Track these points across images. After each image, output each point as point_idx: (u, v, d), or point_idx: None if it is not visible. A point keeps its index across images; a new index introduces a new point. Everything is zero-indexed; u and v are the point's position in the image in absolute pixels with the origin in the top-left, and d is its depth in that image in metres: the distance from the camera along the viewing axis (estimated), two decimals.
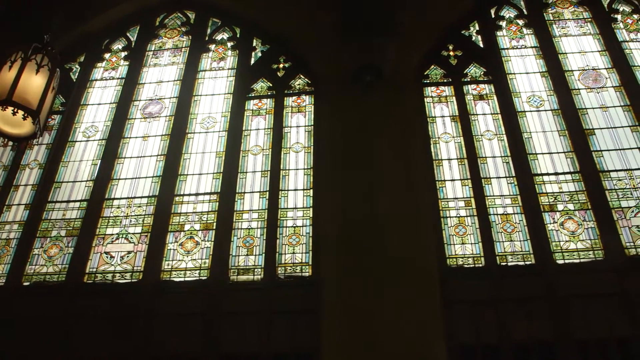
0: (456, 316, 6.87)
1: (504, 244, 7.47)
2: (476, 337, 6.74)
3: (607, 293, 6.93)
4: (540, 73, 9.09)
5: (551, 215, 7.64)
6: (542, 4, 9.95)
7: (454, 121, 8.64)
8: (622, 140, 8.24)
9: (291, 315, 7.00)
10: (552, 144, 8.30)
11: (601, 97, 8.73)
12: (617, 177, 7.89)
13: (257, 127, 8.78)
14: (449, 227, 7.64)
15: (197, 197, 8.13)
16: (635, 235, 7.39)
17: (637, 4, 9.79)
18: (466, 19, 9.76)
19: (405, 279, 6.94)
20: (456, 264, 7.34)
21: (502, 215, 7.71)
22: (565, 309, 6.83)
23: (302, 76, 9.30)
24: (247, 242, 7.66)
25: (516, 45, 9.48)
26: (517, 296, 6.98)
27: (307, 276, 7.33)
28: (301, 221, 7.80)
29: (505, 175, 8.05)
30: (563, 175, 7.98)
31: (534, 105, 8.71)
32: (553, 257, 7.28)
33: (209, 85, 9.38)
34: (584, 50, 9.32)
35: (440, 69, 9.25)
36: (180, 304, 7.23)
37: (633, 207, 7.63)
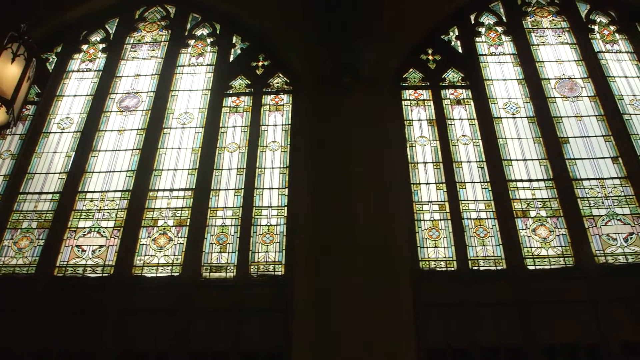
0: (427, 319, 6.90)
1: (477, 248, 7.53)
2: (446, 341, 6.78)
3: (576, 300, 7.02)
4: (517, 80, 9.18)
5: (523, 221, 7.72)
6: (521, 12, 10.04)
7: (430, 125, 8.68)
8: (595, 149, 8.35)
9: (263, 314, 6.98)
10: (527, 151, 8.38)
11: (576, 106, 8.83)
12: (590, 185, 7.99)
13: (234, 125, 8.74)
14: (422, 230, 7.68)
15: (171, 192, 8.07)
16: (605, 244, 7.49)
17: (614, 16, 9.93)
18: (446, 24, 9.82)
19: (377, 281, 6.96)
20: (429, 267, 7.38)
21: (476, 219, 7.77)
22: (534, 315, 6.91)
23: (281, 75, 9.28)
24: (221, 240, 7.63)
25: (494, 52, 9.56)
26: (488, 301, 7.04)
27: (279, 275, 7.32)
28: (275, 220, 7.79)
29: (480, 181, 8.11)
30: (536, 182, 8.06)
31: (510, 112, 8.78)
32: (524, 262, 7.35)
33: (187, 80, 9.33)
34: (560, 59, 9.43)
35: (419, 73, 9.29)
36: (151, 300, 7.18)
37: (604, 215, 7.73)
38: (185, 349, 6.79)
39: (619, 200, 7.86)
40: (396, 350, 6.52)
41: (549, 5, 10.16)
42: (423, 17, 9.65)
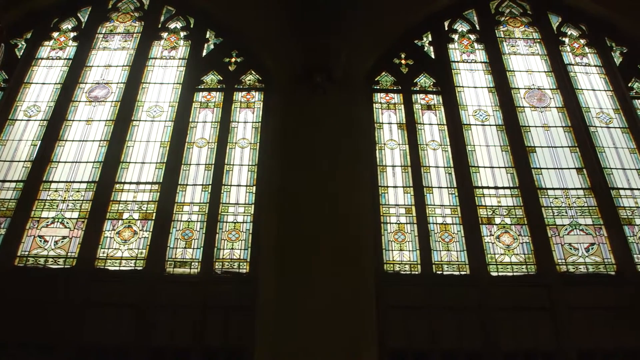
0: (390, 321, 6.95)
1: (441, 253, 7.59)
2: (407, 343, 6.84)
3: (537, 307, 7.14)
4: (487, 88, 9.27)
5: (488, 228, 7.81)
6: (494, 21, 10.14)
7: (400, 129, 8.73)
8: (561, 159, 8.48)
9: (226, 311, 6.96)
10: (494, 159, 8.47)
11: (544, 117, 8.95)
12: (554, 195, 8.11)
13: (205, 120, 8.69)
14: (388, 232, 7.72)
15: (138, 185, 7.99)
16: (567, 253, 7.61)
17: (584, 29, 10.09)
18: (420, 29, 9.88)
19: (341, 282, 6.97)
20: (393, 270, 7.42)
21: (441, 224, 7.83)
22: (495, 321, 6.99)
23: (253, 72, 9.25)
24: (186, 235, 7.57)
25: (466, 59, 9.64)
26: (450, 305, 7.11)
27: (244, 273, 7.30)
28: (242, 217, 7.76)
29: (447, 186, 8.18)
30: (502, 190, 8.15)
31: (479, 119, 8.87)
32: (487, 269, 7.44)
33: (158, 73, 9.24)
34: (531, 70, 9.55)
35: (391, 76, 9.33)
36: (113, 293, 7.09)
37: (567, 225, 7.86)
38: (147, 344, 6.73)
39: (582, 211, 7.99)
40: (358, 351, 6.54)
41: (521, 15, 10.28)
42: (397, 21, 9.69)
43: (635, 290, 7.30)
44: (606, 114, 9.04)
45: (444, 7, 10.12)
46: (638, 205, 8.09)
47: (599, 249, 7.69)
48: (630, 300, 7.23)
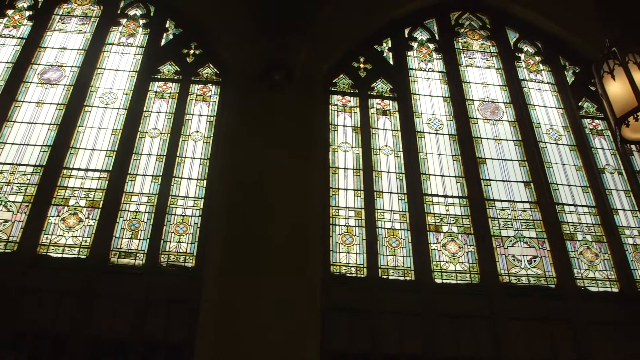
0: (333, 323, 6.97)
1: (388, 257, 7.65)
2: (350, 345, 6.87)
3: (478, 316, 7.26)
4: (443, 98, 9.39)
5: (435, 236, 7.90)
6: (453, 32, 10.28)
7: (355, 132, 8.77)
8: (510, 172, 8.64)
9: (169, 305, 6.87)
10: (445, 167, 8.58)
11: (496, 129, 9.11)
12: (501, 206, 8.25)
13: (159, 110, 8.57)
14: (336, 235, 7.74)
15: (86, 172, 7.83)
16: (511, 264, 7.76)
17: (540, 47, 10.30)
18: (380, 35, 9.94)
19: (287, 281, 6.96)
20: (339, 272, 7.45)
21: (389, 229, 7.89)
22: (437, 327, 7.09)
23: (211, 65, 9.17)
24: (133, 226, 7.47)
25: (424, 68, 9.74)
26: (394, 309, 7.18)
27: (190, 267, 7.23)
28: (191, 211, 7.69)
29: (397, 192, 8.25)
30: (451, 199, 8.26)
31: (433, 128, 8.97)
32: (432, 275, 7.53)
33: (114, 60, 9.08)
34: (486, 83, 9.70)
35: (349, 79, 9.37)
36: (54, 280, 6.92)
37: (512, 237, 8.01)
38: (85, 334, 6.59)
39: (527, 224, 8.15)
40: (300, 351, 6.54)
41: (480, 29, 10.44)
42: (359, 25, 9.73)
43: (573, 304, 7.48)
44: (556, 130, 9.26)
45: (406, 15, 10.20)
46: (581, 221, 8.31)
47: (541, 262, 7.87)
48: (567, 313, 7.42)
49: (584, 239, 8.16)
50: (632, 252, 8.14)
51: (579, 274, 7.82)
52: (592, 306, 7.53)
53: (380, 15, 9.97)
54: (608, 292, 7.75)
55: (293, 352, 6.52)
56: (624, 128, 5.26)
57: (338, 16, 9.60)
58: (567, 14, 10.19)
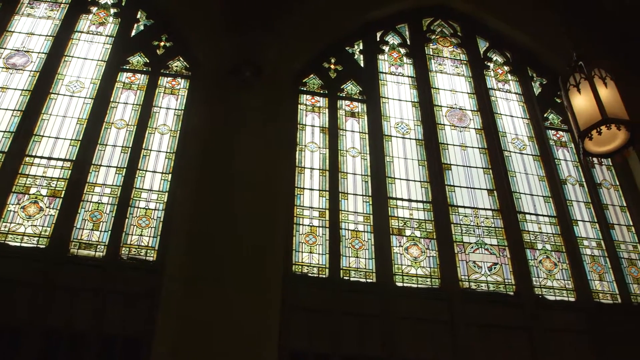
0: (293, 322, 6.97)
1: (350, 259, 7.68)
2: (309, 345, 6.88)
3: (437, 320, 7.33)
4: (412, 102, 9.44)
5: (398, 239, 7.95)
6: (425, 38, 10.35)
7: (322, 132, 8.78)
8: (474, 179, 8.73)
9: (128, 298, 6.79)
10: (411, 172, 8.63)
11: (462, 136, 9.20)
12: (464, 213, 8.34)
13: (126, 101, 8.46)
14: (300, 234, 7.74)
15: (49, 161, 7.70)
16: (471, 270, 7.85)
17: (509, 57, 10.43)
18: (352, 37, 9.96)
19: (248, 279, 6.93)
20: (301, 272, 7.45)
21: (353, 231, 7.92)
22: (396, 330, 7.13)
23: (181, 59, 9.08)
24: (95, 217, 7.37)
25: (394, 72, 9.80)
26: (354, 311, 7.21)
27: (151, 261, 7.16)
28: (154, 204, 7.61)
29: (362, 194, 8.28)
30: (415, 203, 8.31)
31: (400, 132, 9.02)
32: (393, 278, 7.58)
33: (83, 48, 8.94)
34: (455, 90, 9.79)
35: (319, 80, 9.37)
36: (11, 270, 6.77)
37: (473, 243, 8.10)
38: (42, 325, 6.47)
39: (489, 231, 8.25)
40: (259, 349, 6.52)
41: (451, 36, 10.53)
42: (331, 26, 9.75)
43: (531, 312, 7.59)
44: (521, 140, 9.38)
45: (378, 19, 10.24)
46: (541, 230, 8.43)
47: (501, 269, 7.97)
48: (525, 320, 7.52)
49: (544, 248, 8.29)
50: (589, 262, 8.29)
51: (537, 283, 7.94)
52: (549, 314, 7.65)
53: (353, 18, 10.00)
54: (565, 301, 7.88)
55: (252, 351, 6.49)
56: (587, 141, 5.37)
57: (311, 16, 9.61)
58: (537, 27, 10.34)
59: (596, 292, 8.04)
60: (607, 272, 8.27)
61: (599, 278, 8.19)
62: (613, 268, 8.31)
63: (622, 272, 8.29)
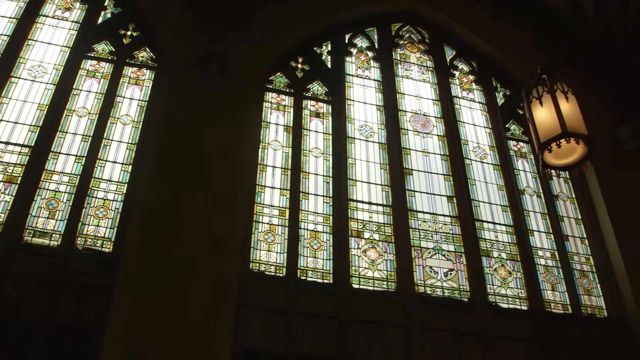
0: (248, 320, 6.94)
1: (308, 259, 7.69)
2: (263, 344, 6.86)
3: (392, 323, 7.39)
4: (376, 106, 9.49)
5: (357, 241, 7.98)
6: (393, 43, 10.41)
7: (286, 131, 8.77)
8: (435, 186, 8.81)
9: (82, 290, 6.68)
10: (372, 175, 8.68)
11: (425, 142, 9.28)
12: (423, 218, 8.41)
13: (89, 89, 8.33)
14: (259, 232, 7.72)
15: (7, 146, 7.53)
16: (427, 275, 7.92)
17: (474, 66, 10.55)
18: (321, 38, 9.97)
19: (205, 274, 6.88)
20: (258, 269, 7.43)
21: (312, 231, 7.92)
22: (351, 332, 7.16)
23: (148, 49, 8.97)
24: (51, 205, 7.24)
25: (361, 75, 9.83)
26: (310, 311, 7.21)
27: (106, 252, 7.06)
28: (113, 195, 7.51)
29: (323, 194, 8.29)
30: (375, 206, 8.36)
31: (364, 135, 9.06)
32: (350, 280, 7.60)
33: (47, 32, 8.76)
34: (420, 96, 9.87)
35: (285, 78, 9.36)
36: None
37: (431, 248, 8.17)
38: None
39: (446, 237, 8.33)
40: (212, 346, 6.47)
41: (419, 42, 10.61)
42: (300, 26, 9.73)
43: (484, 319, 7.69)
44: (482, 149, 9.50)
45: (348, 21, 10.27)
46: (497, 239, 8.55)
47: (457, 275, 8.06)
48: (478, 327, 7.62)
49: (499, 257, 8.41)
50: (543, 272, 8.43)
51: (492, 290, 8.05)
52: (501, 322, 7.76)
53: (323, 19, 10.00)
54: (517, 310, 8.00)
55: (205, 346, 6.45)
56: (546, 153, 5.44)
57: (280, 15, 9.58)
58: (504, 39, 10.50)
59: (548, 301, 8.19)
60: (559, 283, 8.43)
61: (551, 288, 8.34)
62: (565, 279, 8.47)
63: (573, 283, 8.46)
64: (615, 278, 8.54)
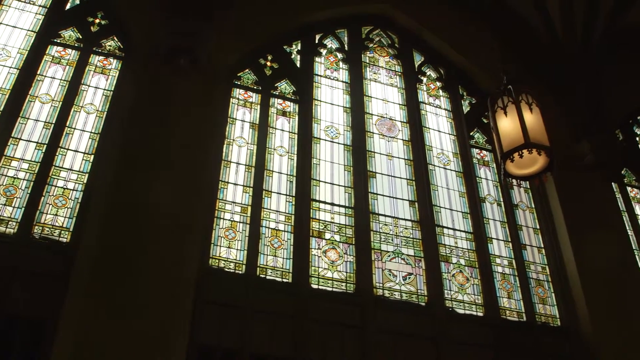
0: (205, 315, 6.90)
1: (268, 257, 7.67)
2: (218, 340, 6.82)
3: (350, 325, 7.41)
4: (343, 107, 9.52)
5: (317, 242, 7.99)
6: (363, 45, 10.44)
7: (252, 128, 8.74)
8: (397, 190, 8.86)
9: (37, 278, 6.57)
10: (336, 176, 8.69)
11: (390, 146, 9.33)
12: (385, 221, 8.45)
13: (54, 76, 8.18)
14: (220, 228, 7.68)
15: None
16: (386, 278, 7.97)
17: (442, 73, 10.64)
18: (291, 37, 9.95)
19: (163, 269, 6.81)
20: (217, 266, 7.39)
21: (273, 229, 7.91)
22: (308, 331, 7.16)
23: (115, 39, 8.85)
24: (9, 192, 7.09)
25: (329, 76, 9.84)
26: (268, 310, 7.20)
27: (64, 242, 6.94)
28: (73, 184, 7.39)
29: (286, 193, 8.28)
30: (338, 207, 8.38)
31: (329, 136, 9.08)
32: (309, 280, 7.61)
33: (13, 15, 8.57)
34: (387, 100, 9.93)
35: (254, 75, 9.33)
36: None
37: (391, 252, 8.22)
38: None
39: (407, 241, 8.39)
40: (167, 342, 6.40)
41: (389, 47, 10.67)
42: (271, 24, 9.69)
43: (440, 322, 7.76)
44: (446, 155, 9.59)
45: (319, 21, 10.28)
46: (457, 245, 8.63)
47: (415, 279, 8.12)
48: (434, 331, 7.68)
49: (458, 263, 8.49)
50: (500, 280, 8.55)
51: (449, 295, 8.13)
52: (457, 327, 7.84)
53: (294, 18, 9.98)
54: (474, 316, 8.10)
55: (161, 342, 6.38)
56: (508, 163, 5.53)
57: (252, 12, 9.53)
58: (473, 48, 10.61)
59: (504, 309, 8.29)
60: (515, 291, 8.54)
61: (507, 296, 8.45)
62: (521, 287, 8.60)
63: (529, 292, 8.58)
64: (569, 288, 8.69)
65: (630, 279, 8.93)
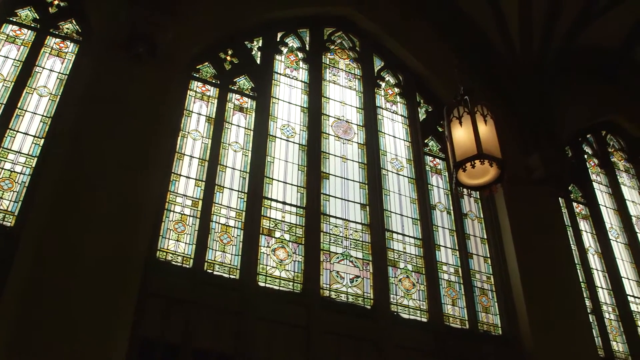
0: (149, 309, 6.80)
1: (216, 252, 7.63)
2: (161, 334, 6.74)
3: (295, 325, 7.41)
4: (301, 107, 9.52)
5: (267, 239, 7.98)
6: (324, 47, 10.46)
7: (208, 122, 8.68)
8: (350, 192, 8.90)
9: None
10: (290, 175, 8.69)
11: (345, 148, 9.37)
12: (335, 223, 8.48)
13: (7, 56, 7.96)
14: (169, 220, 7.60)
15: None
16: (334, 280, 8.00)
17: (401, 79, 10.73)
18: (253, 33, 9.90)
19: (108, 259, 6.69)
20: (165, 259, 7.31)
21: (223, 225, 7.87)
22: (253, 329, 7.13)
23: (74, 22, 8.66)
24: None
25: (289, 74, 9.83)
26: (213, 305, 7.16)
27: (7, 226, 6.77)
28: (21, 168, 7.20)
29: (238, 189, 8.24)
30: (289, 207, 8.37)
31: (285, 134, 9.07)
32: (257, 278, 7.59)
33: None
34: (344, 102, 9.96)
35: (213, 69, 9.26)
36: None
37: (340, 254, 8.26)
38: None
39: (356, 244, 8.43)
40: (109, 334, 6.29)
41: (350, 50, 10.71)
42: (233, 18, 9.62)
43: (384, 326, 7.83)
44: (399, 161, 9.67)
45: (282, 19, 10.25)
46: (405, 250, 8.72)
47: (362, 282, 8.17)
48: (378, 335, 7.74)
49: (405, 268, 8.57)
50: (445, 287, 8.66)
51: (394, 300, 8.20)
52: (401, 331, 7.91)
53: (258, 13, 9.93)
54: (418, 321, 8.19)
55: (102, 334, 6.26)
56: (460, 172, 5.61)
57: (214, 4, 9.45)
58: (432, 56, 10.76)
59: (447, 315, 8.41)
60: (460, 298, 8.67)
61: (452, 303, 8.57)
62: (466, 295, 8.73)
63: (473, 300, 8.72)
64: (512, 298, 8.85)
65: (571, 293, 9.15)
